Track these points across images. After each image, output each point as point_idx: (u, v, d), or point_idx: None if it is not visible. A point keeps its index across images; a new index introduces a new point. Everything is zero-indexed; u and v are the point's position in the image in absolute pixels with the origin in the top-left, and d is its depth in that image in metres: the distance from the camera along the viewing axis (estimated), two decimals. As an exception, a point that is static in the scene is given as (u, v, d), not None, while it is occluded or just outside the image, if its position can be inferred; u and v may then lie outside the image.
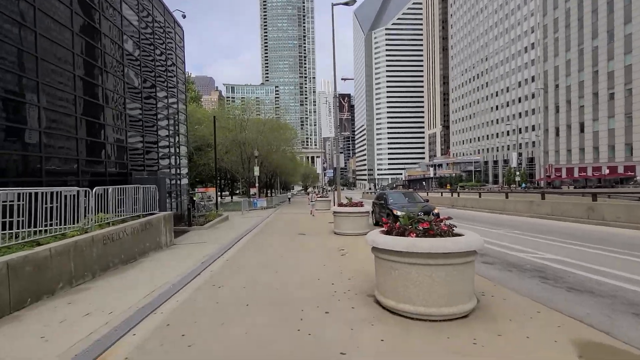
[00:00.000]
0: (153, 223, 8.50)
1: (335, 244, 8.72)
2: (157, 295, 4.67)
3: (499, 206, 17.30)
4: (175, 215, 14.75)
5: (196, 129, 27.67)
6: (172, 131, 15.47)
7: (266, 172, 40.72)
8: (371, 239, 4.02)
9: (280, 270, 6.05)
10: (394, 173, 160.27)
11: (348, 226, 10.31)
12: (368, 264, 6.34)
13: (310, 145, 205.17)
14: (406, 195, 13.53)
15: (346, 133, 18.10)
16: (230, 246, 8.83)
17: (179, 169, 16.18)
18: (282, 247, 8.45)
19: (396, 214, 11.38)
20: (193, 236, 11.41)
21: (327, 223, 14.16)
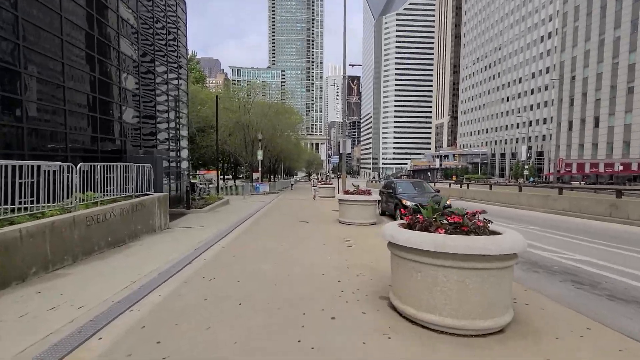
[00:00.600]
0: (146, 204, 7.91)
1: (341, 234, 8.11)
2: (139, 287, 4.09)
3: (512, 200, 16.55)
4: (174, 198, 14.22)
5: (199, 109, 26.89)
6: (172, 110, 14.75)
7: (270, 157, 40.04)
8: (389, 234, 3.35)
9: (280, 261, 5.45)
10: (398, 163, 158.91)
11: (354, 215, 9.67)
12: (377, 258, 5.73)
13: (315, 132, 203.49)
14: (416, 184, 12.82)
15: (354, 118, 17.26)
16: (228, 232, 8.25)
17: (179, 150, 15.55)
18: (283, 236, 7.85)
19: (406, 204, 10.74)
20: (190, 220, 10.86)
21: (332, 211, 13.55)
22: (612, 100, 45.49)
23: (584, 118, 49.91)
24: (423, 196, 11.35)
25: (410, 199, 10.96)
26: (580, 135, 50.48)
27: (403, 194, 11.52)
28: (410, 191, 12.01)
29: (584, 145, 49.81)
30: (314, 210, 13.76)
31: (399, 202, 11.06)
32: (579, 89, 50.81)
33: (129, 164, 7.94)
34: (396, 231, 3.29)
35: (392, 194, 12.05)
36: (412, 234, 3.13)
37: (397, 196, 11.46)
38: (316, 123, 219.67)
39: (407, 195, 11.43)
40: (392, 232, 3.32)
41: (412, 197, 11.10)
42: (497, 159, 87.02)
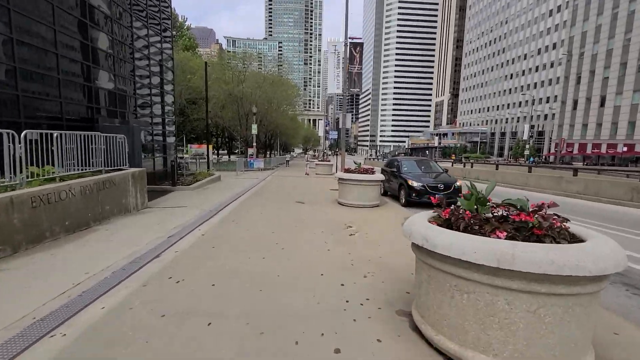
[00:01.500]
0: (116, 181, 6.82)
1: (341, 218, 7.14)
2: (78, 295, 3.10)
3: (520, 180, 15.64)
4: (159, 173, 13.11)
5: (189, 79, 25.16)
6: (154, 75, 13.31)
7: (265, 132, 38.56)
8: (421, 235, 2.33)
9: (269, 255, 4.47)
10: (396, 140, 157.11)
11: (355, 196, 8.68)
12: (387, 250, 4.77)
13: (312, 108, 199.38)
14: (422, 163, 11.78)
15: (355, 90, 15.90)
16: (213, 214, 7.24)
17: (164, 121, 14.24)
18: (275, 220, 6.86)
19: (412, 184, 9.75)
20: (174, 198, 9.82)
21: (330, 190, 12.56)
22: (621, 79, 43.89)
23: (589, 97, 48.41)
24: (431, 176, 10.36)
25: (416, 179, 9.97)
26: (584, 114, 49.18)
27: (408, 174, 10.50)
28: (416, 170, 11.00)
29: (588, 125, 48.65)
30: (311, 189, 12.77)
31: (404, 182, 10.06)
32: (586, 66, 48.94)
33: (95, 134, 6.77)
34: (431, 232, 2.27)
35: (395, 173, 11.03)
36: (458, 237, 2.11)
37: (402, 176, 10.45)
38: (314, 98, 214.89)
39: (413, 174, 10.42)
40: (425, 233, 2.29)
41: (419, 177, 10.11)
42: (496, 138, 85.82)
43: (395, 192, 11.01)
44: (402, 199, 10.18)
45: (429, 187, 9.57)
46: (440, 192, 9.55)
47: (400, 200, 10.32)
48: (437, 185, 9.63)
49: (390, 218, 7.41)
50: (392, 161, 12.37)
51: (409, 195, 9.71)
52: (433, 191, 9.53)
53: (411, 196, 9.66)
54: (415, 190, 9.61)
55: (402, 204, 10.13)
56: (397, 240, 5.38)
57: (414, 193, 9.62)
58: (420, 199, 9.52)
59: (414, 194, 9.60)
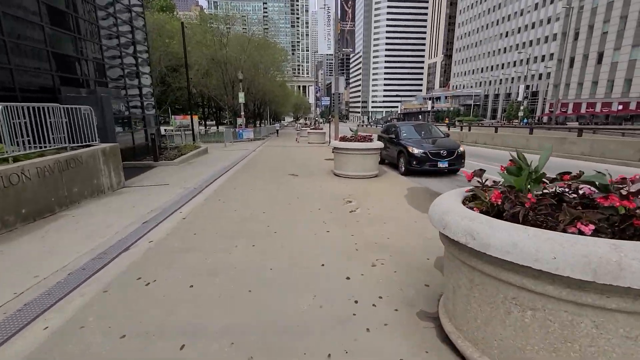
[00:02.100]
0: (83, 159, 6.00)
1: (338, 191, 6.52)
2: (15, 312, 2.44)
3: (519, 143, 15.08)
4: (140, 148, 12.18)
5: (168, 43, 23.21)
6: (123, 36, 11.92)
7: (254, 100, 36.91)
8: (464, 229, 1.66)
9: (259, 242, 3.85)
10: (388, 106, 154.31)
11: (353, 167, 8.01)
12: (394, 229, 4.19)
13: (302, 73, 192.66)
14: (421, 128, 11.06)
15: (348, 49, 14.66)
16: (197, 192, 6.54)
17: (142, 91, 13.03)
18: (267, 197, 6.21)
19: (412, 152, 9.07)
20: (156, 175, 9.04)
21: (324, 160, 11.86)
22: (620, 34, 42.40)
23: (587, 54, 47.05)
24: (432, 142, 9.67)
25: (417, 145, 9.27)
26: (581, 73, 48.06)
27: (408, 140, 9.79)
28: (415, 136, 10.28)
29: (584, 84, 47.72)
30: (304, 160, 12.04)
31: (404, 149, 9.37)
32: (585, 21, 47.06)
33: (52, 106, 5.83)
34: (480, 225, 1.61)
35: (394, 139, 10.31)
36: (524, 234, 1.46)
37: (401, 142, 9.74)
38: (303, 63, 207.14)
39: (413, 141, 9.70)
40: (470, 227, 1.63)
41: (419, 143, 9.41)
42: (490, 100, 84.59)
43: (393, 160, 10.37)
44: (402, 167, 9.56)
45: (430, 153, 8.91)
46: (443, 158, 8.94)
47: (400, 168, 9.70)
48: (440, 152, 8.97)
49: (392, 189, 6.81)
50: (389, 127, 11.59)
51: (409, 163, 9.07)
52: (435, 158, 8.90)
53: (412, 164, 9.03)
54: (415, 157, 8.96)
55: (401, 172, 9.52)
56: (403, 217, 4.80)
57: (414, 161, 8.98)
58: (422, 167, 8.92)
59: (415, 162, 8.97)
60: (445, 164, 8.92)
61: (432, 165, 8.88)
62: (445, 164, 8.92)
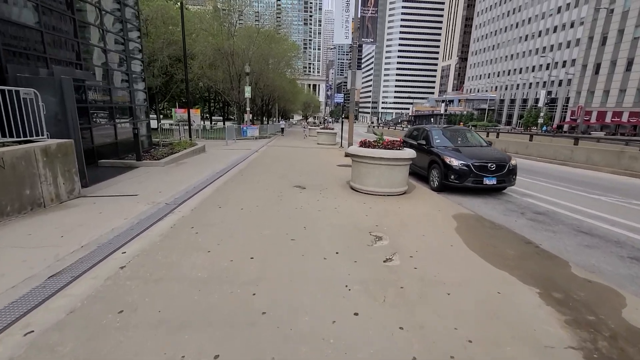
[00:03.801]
0: (6, 161, 4.30)
1: (361, 218, 4.72)
2: None
3: (561, 155, 13.09)
4: (124, 144, 10.51)
5: (171, 31, 21.57)
6: (110, 16, 10.27)
7: (262, 96, 35.23)
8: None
9: (230, 344, 2.08)
10: (399, 107, 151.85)
11: (376, 180, 6.18)
12: (472, 310, 2.30)
13: (312, 72, 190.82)
14: (457, 133, 8.91)
15: (368, 40, 12.80)
16: (167, 212, 4.80)
17: (130, 76, 11.37)
18: (261, 224, 4.44)
19: (451, 163, 7.21)
20: (131, 179, 7.34)
21: (336, 166, 10.06)
22: (654, 39, 39.77)
23: (615, 60, 44.33)
24: (474, 152, 7.69)
25: (456, 155, 7.37)
26: (607, 80, 45.35)
27: (444, 148, 7.90)
28: (451, 143, 8.35)
29: (610, 91, 45.03)
30: (313, 165, 10.25)
31: (439, 160, 7.50)
32: (615, 25, 44.34)
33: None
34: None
35: (423, 146, 8.43)
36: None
37: (435, 150, 7.88)
38: (313, 62, 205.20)
39: (451, 149, 7.80)
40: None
41: (460, 154, 7.48)
42: (505, 105, 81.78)
43: (421, 171, 8.51)
44: (434, 181, 7.72)
45: (474, 167, 7.06)
46: (491, 174, 7.06)
47: (431, 182, 7.85)
48: (487, 165, 7.09)
49: (434, 217, 4.98)
50: (416, 130, 9.70)
51: (446, 177, 7.24)
52: (480, 173, 7.06)
53: (449, 179, 7.19)
54: (455, 171, 7.12)
55: (433, 187, 7.69)
56: (474, 279, 2.99)
57: (453, 175, 7.14)
58: (462, 184, 7.09)
59: (454, 177, 7.14)
60: (493, 181, 7.07)
61: (477, 181, 7.06)
62: (493, 181, 7.07)
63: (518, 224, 5.37)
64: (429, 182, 7.94)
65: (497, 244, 3.96)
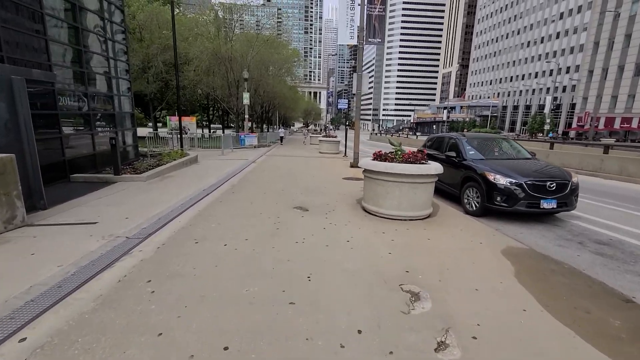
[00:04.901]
0: None
1: (382, 256, 3.49)
2: None
3: (590, 165, 11.89)
4: (103, 155, 9.35)
5: (165, 35, 20.63)
6: (88, 12, 9.23)
7: (261, 103, 34.25)
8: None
9: None
10: (400, 115, 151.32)
11: (396, 202, 4.96)
12: None
13: (313, 80, 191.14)
14: (493, 142, 7.35)
15: (375, 40, 11.76)
16: (131, 247, 3.60)
17: (110, 79, 10.30)
18: (246, 273, 3.23)
19: (497, 182, 5.69)
20: (98, 200, 6.15)
21: (342, 180, 8.87)
22: (662, 43, 38.88)
23: (622, 65, 43.43)
24: (524, 166, 6.12)
25: (504, 171, 5.82)
26: (615, 85, 44.40)
27: (484, 162, 6.35)
28: (489, 154, 6.89)
29: (618, 97, 44.02)
30: (316, 178, 9.05)
31: (478, 176, 6.05)
32: (622, 30, 43.55)
33: None
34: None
35: (454, 159, 7.00)
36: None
37: (471, 165, 6.43)
38: (314, 70, 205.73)
39: (494, 164, 6.22)
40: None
41: (507, 169, 5.91)
42: (508, 111, 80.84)
43: (449, 189, 7.14)
44: (471, 204, 6.25)
45: (529, 186, 5.51)
46: (550, 195, 5.54)
47: (466, 204, 6.36)
48: (545, 184, 5.54)
49: (479, 252, 3.76)
50: (440, 140, 8.14)
51: (490, 198, 5.77)
52: (537, 194, 5.50)
53: (494, 201, 5.71)
54: (502, 191, 5.61)
55: (468, 210, 6.22)
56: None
57: (499, 196, 5.64)
58: (513, 207, 5.54)
59: (501, 198, 5.63)
60: (553, 204, 5.52)
61: (532, 205, 5.50)
62: (553, 204, 5.52)
63: (584, 260, 4.15)
64: (463, 204, 6.45)
65: (587, 306, 2.74)
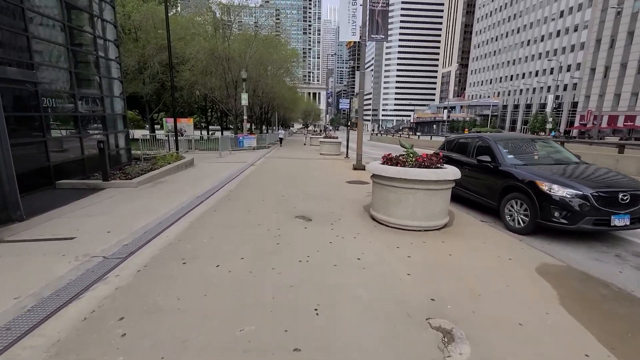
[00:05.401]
0: None
1: (401, 278, 2.97)
2: None
3: (605, 164, 11.36)
4: (92, 160, 8.82)
5: (161, 35, 20.11)
6: (75, 10, 8.73)
7: (260, 104, 33.73)
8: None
9: None
10: (400, 115, 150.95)
11: (410, 210, 4.43)
12: None
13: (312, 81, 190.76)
14: (530, 144, 6.30)
15: (378, 36, 11.25)
16: (108, 269, 3.08)
17: (100, 79, 9.79)
18: (248, 302, 2.72)
19: (553, 194, 4.65)
20: (82, 209, 5.64)
21: (345, 184, 8.35)
22: (666, 40, 38.45)
23: (625, 62, 42.96)
24: (585, 173, 5.15)
25: (562, 181, 4.74)
26: (618, 83, 43.93)
27: (528, 168, 5.30)
28: (528, 158, 5.81)
29: (621, 95, 43.56)
30: (318, 182, 8.53)
31: (525, 186, 4.98)
32: (624, 27, 43.09)
33: None
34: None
35: (488, 164, 5.83)
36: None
37: (513, 172, 5.34)
38: (313, 71, 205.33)
39: (544, 171, 5.14)
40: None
41: (564, 177, 4.87)
42: (509, 110, 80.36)
43: (484, 200, 5.95)
44: (516, 220, 5.12)
45: (596, 198, 4.49)
46: (623, 209, 4.50)
47: (508, 220, 5.25)
48: (617, 195, 4.52)
49: (511, 272, 3.23)
50: (464, 142, 7.00)
51: (546, 213, 4.67)
52: (607, 207, 4.46)
53: (551, 217, 4.62)
54: (562, 205, 4.55)
55: (513, 227, 5.11)
56: None
57: (558, 211, 4.57)
58: (576, 225, 4.49)
59: (559, 213, 4.57)
60: (625, 220, 4.48)
61: (600, 222, 4.48)
62: (625, 220, 4.48)
63: (628, 278, 3.63)
64: (504, 220, 5.34)
65: None
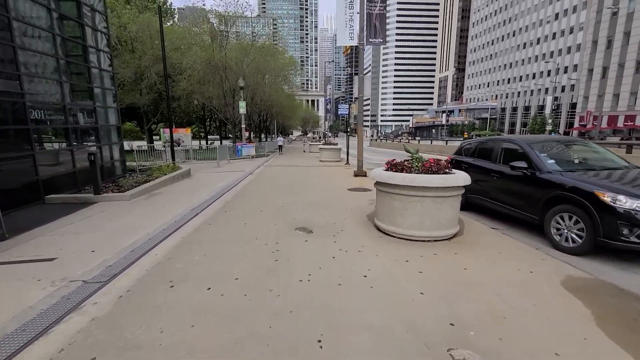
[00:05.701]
0: None
1: (414, 298, 2.63)
2: None
3: (610, 165, 11.06)
4: (83, 173, 8.53)
5: (157, 45, 20.03)
6: (65, 19, 8.53)
7: (259, 112, 33.59)
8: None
9: None
10: (398, 120, 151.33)
11: (419, 220, 4.09)
12: None
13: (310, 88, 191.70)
14: (570, 148, 5.71)
15: (377, 40, 11.05)
16: (86, 296, 2.75)
17: (92, 89, 9.56)
18: (242, 335, 2.37)
19: (620, 206, 3.81)
20: (70, 225, 5.32)
21: (347, 191, 8.04)
22: (662, 40, 38.45)
23: (622, 62, 42.95)
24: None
25: (629, 191, 3.91)
26: (616, 83, 43.86)
27: (576, 176, 4.52)
28: (570, 164, 5.11)
29: (620, 95, 43.45)
30: (318, 191, 8.21)
31: (579, 197, 4.18)
32: (620, 27, 43.17)
33: None
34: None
35: (525, 171, 5.03)
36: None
37: (555, 180, 4.59)
38: (311, 78, 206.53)
39: (600, 178, 4.42)
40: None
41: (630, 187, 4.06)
42: (507, 113, 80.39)
43: (521, 213, 5.10)
44: (566, 237, 4.35)
45: None
46: None
47: (557, 237, 4.47)
48: None
49: (536, 289, 2.90)
50: (489, 147, 6.22)
51: (611, 231, 3.87)
52: None
53: (618, 234, 3.81)
54: (632, 220, 3.73)
55: (563, 246, 4.36)
56: None
57: (628, 227, 3.76)
58: None
59: (628, 230, 3.76)
60: None
61: None
62: None
63: (663, 290, 3.28)
64: (550, 237, 4.54)
65: None
